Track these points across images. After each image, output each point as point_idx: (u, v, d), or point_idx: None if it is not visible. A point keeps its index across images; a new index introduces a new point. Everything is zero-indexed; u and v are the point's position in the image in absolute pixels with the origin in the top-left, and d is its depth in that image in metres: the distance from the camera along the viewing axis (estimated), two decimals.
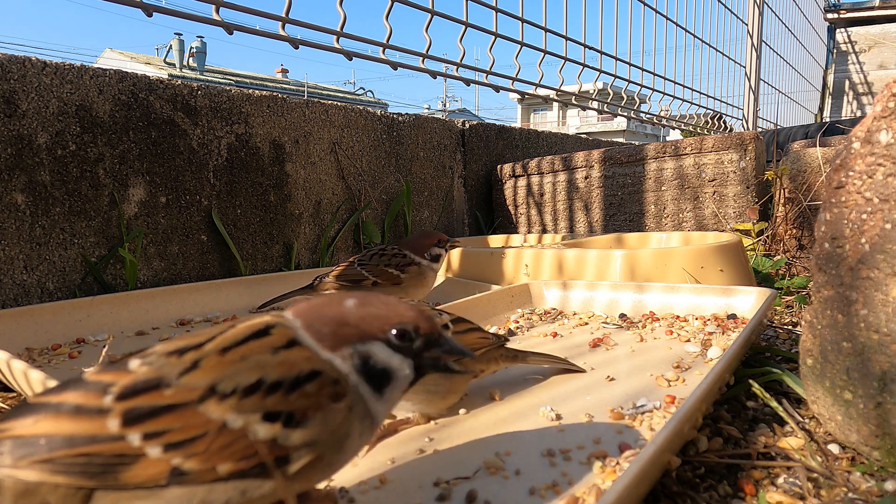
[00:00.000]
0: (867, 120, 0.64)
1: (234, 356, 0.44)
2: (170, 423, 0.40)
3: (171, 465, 0.39)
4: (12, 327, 1.10)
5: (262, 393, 0.42)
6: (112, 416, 0.40)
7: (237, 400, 0.41)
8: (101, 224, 1.41)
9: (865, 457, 0.65)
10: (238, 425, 0.41)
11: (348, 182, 2.00)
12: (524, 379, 0.88)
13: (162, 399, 0.41)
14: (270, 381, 0.43)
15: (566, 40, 2.53)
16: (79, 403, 0.41)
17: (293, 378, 0.43)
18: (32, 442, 0.39)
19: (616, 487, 0.47)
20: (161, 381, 0.42)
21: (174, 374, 0.42)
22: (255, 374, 0.43)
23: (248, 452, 0.41)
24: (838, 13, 5.98)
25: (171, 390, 0.41)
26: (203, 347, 0.45)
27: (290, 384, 0.43)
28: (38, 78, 1.29)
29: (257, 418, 0.41)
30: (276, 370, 0.44)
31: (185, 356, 0.44)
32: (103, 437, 0.39)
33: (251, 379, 0.43)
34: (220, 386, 0.42)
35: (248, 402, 0.42)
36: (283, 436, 0.42)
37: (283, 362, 0.44)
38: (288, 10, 1.52)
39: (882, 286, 0.61)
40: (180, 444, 0.40)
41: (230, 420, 0.41)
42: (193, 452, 0.40)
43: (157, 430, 0.40)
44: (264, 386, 0.42)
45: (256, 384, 0.42)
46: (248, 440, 0.41)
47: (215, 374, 0.42)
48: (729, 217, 2.10)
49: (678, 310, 1.22)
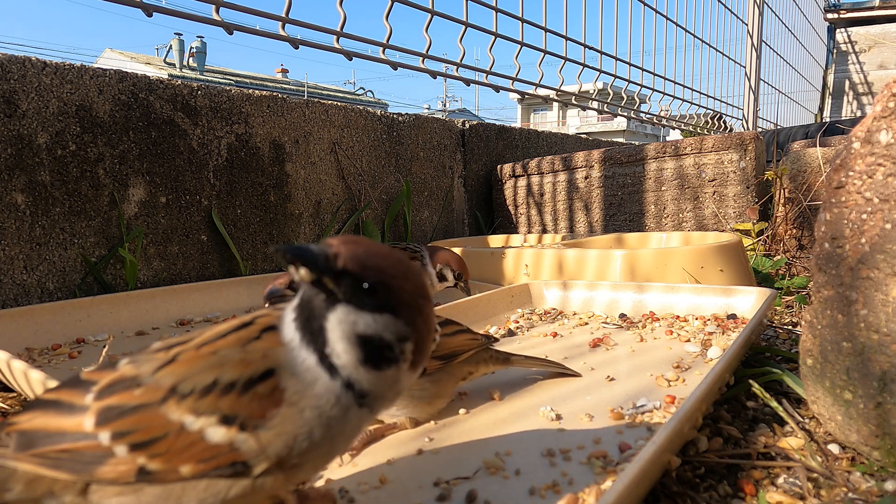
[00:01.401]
0: (867, 120, 0.64)
1: (207, 350, 0.43)
2: (135, 424, 0.41)
3: (138, 465, 0.40)
4: (12, 327, 1.10)
5: (216, 393, 0.41)
6: (89, 415, 0.42)
7: (194, 401, 0.41)
8: (101, 224, 1.41)
9: (865, 457, 0.65)
10: (195, 427, 0.41)
11: (348, 182, 2.00)
12: (524, 379, 0.88)
13: (132, 399, 0.42)
14: (225, 382, 0.41)
15: (566, 40, 2.53)
16: (67, 401, 0.43)
17: (246, 378, 0.41)
18: (31, 436, 0.42)
19: (616, 487, 0.47)
20: (135, 380, 0.43)
21: (149, 371, 0.43)
22: (212, 373, 0.42)
23: (206, 455, 0.40)
24: (838, 13, 5.98)
25: (140, 390, 0.42)
26: (188, 343, 0.45)
27: (243, 385, 0.41)
28: (38, 78, 1.29)
29: (213, 421, 0.40)
30: (233, 370, 0.42)
31: (170, 352, 0.44)
32: (81, 435, 0.41)
33: (207, 379, 0.42)
34: (180, 386, 0.42)
35: (204, 402, 0.41)
36: (241, 440, 0.41)
37: (242, 360, 0.42)
38: (288, 10, 1.52)
39: (882, 286, 0.61)
40: (144, 445, 0.40)
41: (188, 422, 0.41)
42: (156, 453, 0.40)
43: (123, 429, 0.41)
44: (219, 386, 0.41)
45: (212, 384, 0.41)
46: (206, 443, 0.40)
47: (181, 372, 0.42)
48: (729, 217, 2.10)
49: (678, 310, 1.22)
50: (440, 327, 0.78)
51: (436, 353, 0.74)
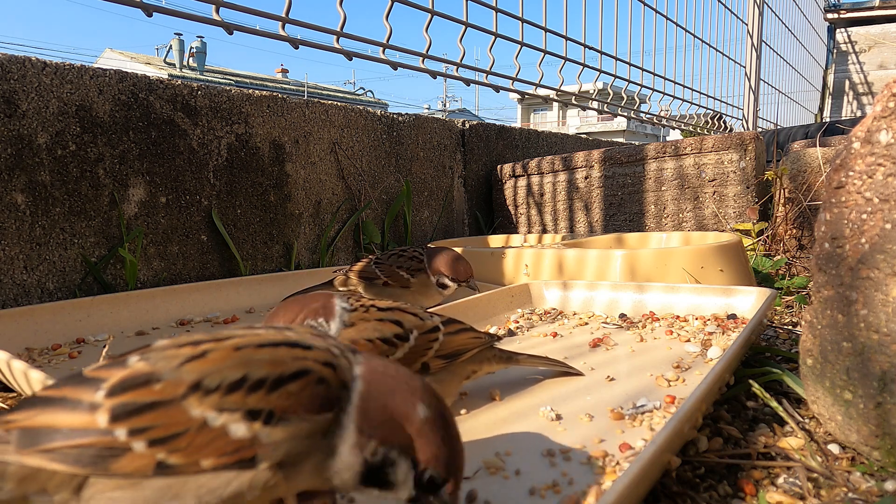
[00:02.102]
0: (867, 120, 0.64)
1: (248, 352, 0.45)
2: (153, 420, 0.41)
3: (157, 459, 0.41)
4: (12, 327, 1.09)
5: (244, 390, 0.43)
6: (101, 412, 0.42)
7: (220, 396, 0.42)
8: (101, 224, 1.41)
9: (865, 457, 0.65)
10: (218, 423, 0.42)
11: (348, 182, 2.00)
12: (524, 379, 0.88)
13: (149, 395, 0.42)
14: (255, 378, 0.43)
15: (566, 40, 2.53)
16: (74, 398, 0.43)
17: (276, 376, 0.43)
18: (36, 432, 0.42)
19: (616, 487, 0.47)
20: (152, 375, 0.43)
21: (169, 367, 0.44)
22: (240, 370, 0.43)
23: (227, 449, 0.42)
24: (838, 13, 5.98)
25: (160, 385, 0.43)
26: (223, 342, 0.46)
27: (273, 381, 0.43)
28: (38, 78, 1.29)
29: (237, 417, 0.42)
30: (264, 368, 0.44)
31: (198, 347, 0.45)
32: (94, 431, 0.42)
33: (236, 375, 0.43)
34: (205, 381, 0.43)
35: (231, 399, 0.42)
36: (264, 434, 0.42)
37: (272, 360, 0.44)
38: (288, 10, 1.52)
39: (882, 286, 0.61)
40: (164, 440, 0.41)
41: (210, 418, 0.42)
42: (177, 448, 0.41)
43: (141, 426, 0.41)
44: (248, 383, 0.43)
45: (241, 380, 0.43)
46: (229, 437, 0.42)
47: (207, 368, 0.43)
48: (729, 217, 2.10)
49: (678, 310, 1.22)
50: (443, 326, 0.78)
51: (440, 352, 0.74)
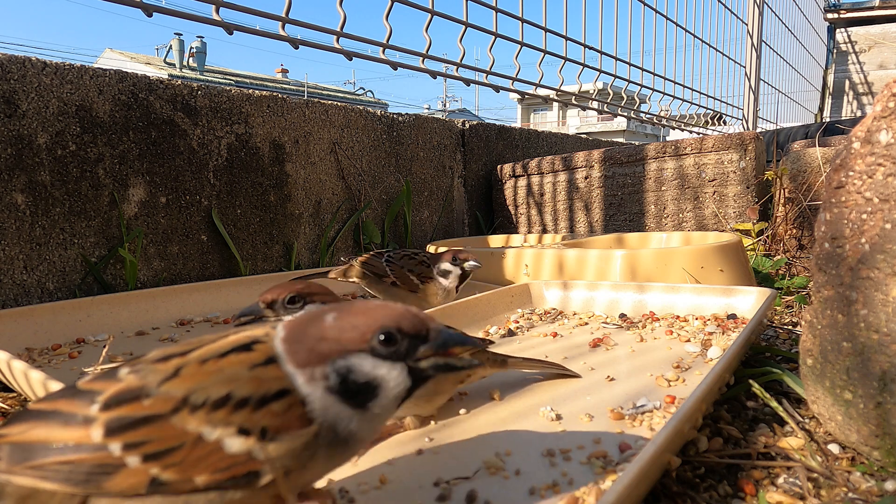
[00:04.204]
0: (867, 120, 0.64)
1: (212, 367, 0.43)
2: (148, 434, 0.40)
3: (150, 476, 0.40)
4: (12, 327, 1.10)
5: (230, 407, 0.42)
6: (96, 426, 0.41)
7: (206, 412, 0.41)
8: (101, 224, 1.41)
9: (865, 457, 0.65)
10: (213, 438, 0.41)
11: (348, 182, 2.00)
12: (524, 379, 0.88)
13: (141, 409, 0.41)
14: (239, 397, 0.42)
15: (566, 40, 2.53)
16: (67, 412, 0.42)
17: (260, 396, 0.42)
18: (27, 448, 0.41)
19: (616, 487, 0.47)
20: (142, 390, 0.42)
21: (156, 382, 0.43)
22: (225, 387, 0.42)
23: (222, 465, 0.41)
24: (838, 13, 5.98)
25: (150, 400, 0.42)
26: (187, 356, 0.45)
27: (257, 401, 0.42)
28: (38, 78, 1.29)
29: (231, 431, 0.41)
30: (247, 386, 0.43)
31: (169, 363, 0.44)
32: (87, 447, 0.40)
33: (221, 392, 0.42)
34: (192, 397, 0.42)
35: (218, 415, 0.41)
36: (257, 449, 0.41)
37: (254, 378, 0.43)
38: (288, 10, 1.52)
39: (882, 286, 0.61)
40: (158, 455, 0.40)
41: (205, 432, 0.41)
42: (171, 463, 0.40)
43: (136, 440, 0.40)
44: (233, 401, 0.42)
45: (226, 398, 0.42)
46: (223, 452, 0.41)
47: (190, 384, 0.42)
48: (729, 217, 2.10)
49: (678, 310, 1.22)
50: None
51: None
